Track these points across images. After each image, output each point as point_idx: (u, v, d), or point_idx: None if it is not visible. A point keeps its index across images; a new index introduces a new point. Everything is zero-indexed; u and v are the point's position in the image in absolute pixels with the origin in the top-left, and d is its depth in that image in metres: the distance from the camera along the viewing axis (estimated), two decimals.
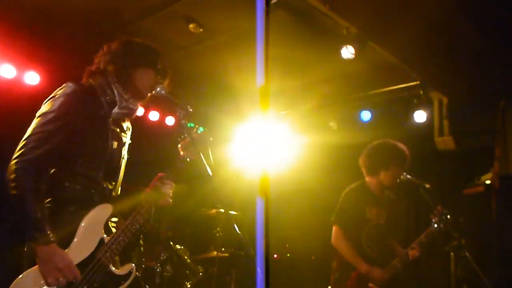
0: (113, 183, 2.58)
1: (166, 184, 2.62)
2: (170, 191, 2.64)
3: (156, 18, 4.63)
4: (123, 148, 2.63)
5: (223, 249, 5.06)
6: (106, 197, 2.50)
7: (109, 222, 2.52)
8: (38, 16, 4.51)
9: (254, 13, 1.30)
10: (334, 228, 4.03)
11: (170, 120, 6.44)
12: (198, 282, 4.81)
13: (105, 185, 2.51)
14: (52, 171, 2.37)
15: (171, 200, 2.65)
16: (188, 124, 2.67)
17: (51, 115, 2.36)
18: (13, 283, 2.19)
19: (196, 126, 2.76)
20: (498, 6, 3.98)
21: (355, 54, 4.52)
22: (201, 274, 4.86)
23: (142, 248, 4.73)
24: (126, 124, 2.69)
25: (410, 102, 5.82)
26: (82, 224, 2.35)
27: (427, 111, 5.74)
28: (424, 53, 4.83)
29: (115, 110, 2.54)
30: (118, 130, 2.60)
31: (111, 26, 4.70)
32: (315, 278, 5.82)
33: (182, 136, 2.67)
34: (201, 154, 2.59)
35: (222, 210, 4.94)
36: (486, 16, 4.18)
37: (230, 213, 4.83)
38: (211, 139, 2.72)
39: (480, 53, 4.75)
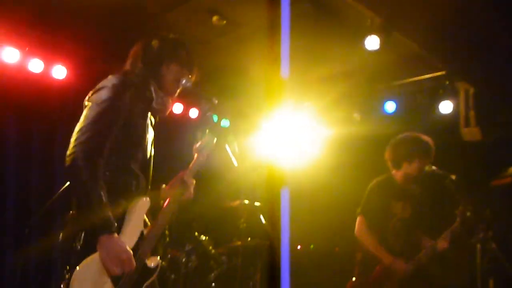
0: (147, 177, 2.61)
1: (187, 181, 2.65)
2: (191, 188, 2.67)
3: (179, 11, 4.66)
4: (152, 142, 2.67)
5: (249, 239, 5.10)
6: (144, 190, 2.54)
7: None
8: (64, 10, 4.58)
9: (277, 4, 1.31)
10: (358, 218, 4.05)
11: (193, 113, 6.48)
12: (223, 273, 4.86)
13: (142, 178, 2.54)
14: None
15: (191, 195, 2.68)
16: (213, 116, 2.69)
17: (104, 105, 2.37)
18: (76, 271, 2.20)
19: (220, 118, 2.77)
20: None
21: (380, 45, 4.47)
22: (225, 264, 4.91)
23: (167, 239, 4.80)
24: (153, 119, 2.72)
25: (436, 92, 5.73)
26: (127, 217, 2.38)
27: (453, 102, 5.64)
28: (450, 42, 4.75)
29: (153, 106, 2.59)
30: (149, 124, 2.63)
31: (136, 19, 4.75)
32: (339, 269, 5.81)
33: (199, 137, 2.71)
34: (227, 146, 2.62)
35: (246, 201, 4.97)
36: None
37: (255, 204, 4.91)
38: (236, 130, 2.76)
39: (508, 42, 4.65)
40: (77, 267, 2.21)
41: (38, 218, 4.33)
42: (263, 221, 4.72)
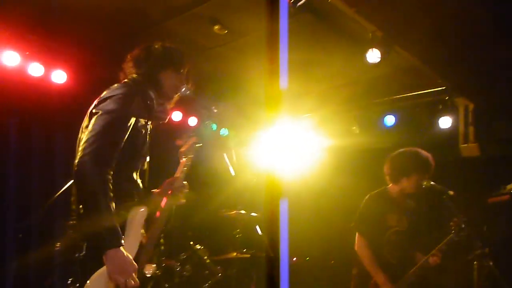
0: (144, 184, 2.60)
1: (178, 186, 2.65)
2: (183, 192, 2.68)
3: (181, 19, 4.67)
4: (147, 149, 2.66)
5: (244, 250, 5.06)
6: (143, 199, 2.52)
7: None
8: (65, 15, 4.58)
9: (277, 15, 1.30)
10: (357, 235, 4.04)
11: (192, 121, 6.47)
12: (217, 283, 4.82)
13: (141, 187, 2.53)
14: None
15: (183, 200, 2.69)
16: (212, 125, 2.70)
17: (114, 115, 2.34)
18: (86, 286, 2.18)
19: (220, 127, 2.78)
20: None
21: (381, 58, 4.48)
22: (220, 275, 4.87)
23: (162, 247, 4.76)
24: (149, 127, 2.71)
25: (435, 107, 5.73)
26: (128, 227, 2.36)
27: (452, 117, 5.65)
28: (451, 58, 4.76)
29: (154, 114, 2.58)
30: (148, 132, 2.63)
31: (137, 26, 4.75)
32: (334, 283, 5.78)
33: (184, 140, 2.72)
34: (225, 155, 2.62)
35: (243, 212, 4.95)
36: None
37: (251, 215, 4.89)
38: (235, 140, 2.77)
39: (508, 59, 4.66)
40: (88, 282, 2.19)
41: (32, 224, 4.29)
42: (259, 232, 4.69)
